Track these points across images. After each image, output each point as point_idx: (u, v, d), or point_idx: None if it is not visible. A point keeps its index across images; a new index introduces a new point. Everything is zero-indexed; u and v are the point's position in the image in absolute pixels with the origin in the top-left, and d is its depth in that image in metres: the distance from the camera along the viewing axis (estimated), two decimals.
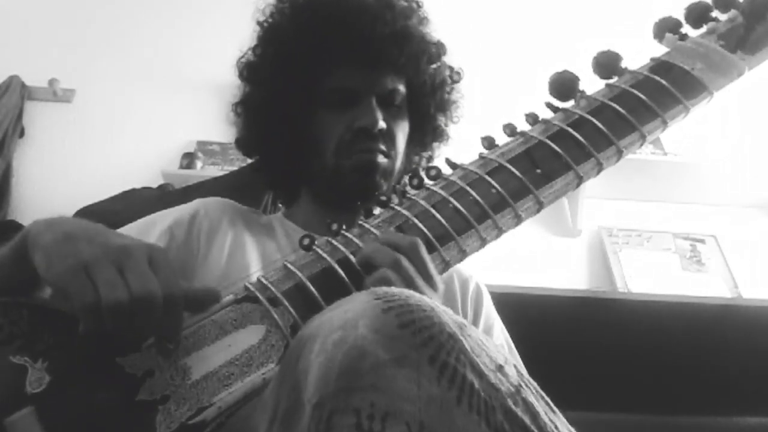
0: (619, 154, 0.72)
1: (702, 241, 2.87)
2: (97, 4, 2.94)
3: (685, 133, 2.69)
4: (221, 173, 2.32)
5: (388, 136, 0.90)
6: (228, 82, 1.03)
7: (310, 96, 0.90)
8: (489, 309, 0.95)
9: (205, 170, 2.65)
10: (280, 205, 1.23)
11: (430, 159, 1.05)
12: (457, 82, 1.03)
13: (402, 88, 0.93)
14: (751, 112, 2.67)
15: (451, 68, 1.02)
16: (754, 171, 2.78)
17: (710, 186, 2.83)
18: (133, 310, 0.51)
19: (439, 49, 0.99)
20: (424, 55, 0.95)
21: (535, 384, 0.41)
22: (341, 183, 0.89)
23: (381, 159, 0.88)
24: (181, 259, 0.82)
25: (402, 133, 0.94)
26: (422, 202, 0.67)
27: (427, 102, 0.99)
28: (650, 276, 2.62)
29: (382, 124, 0.88)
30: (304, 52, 0.89)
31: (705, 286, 2.70)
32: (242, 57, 0.98)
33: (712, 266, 2.80)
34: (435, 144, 1.05)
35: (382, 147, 0.89)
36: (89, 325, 0.51)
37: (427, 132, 1.02)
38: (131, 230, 0.84)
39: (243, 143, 1.01)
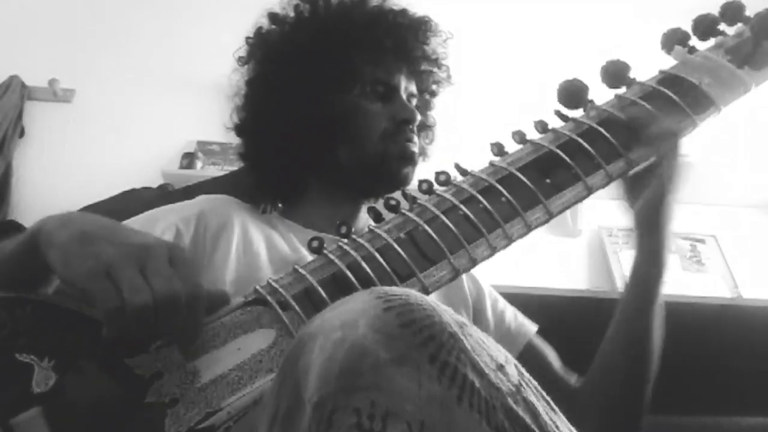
0: (629, 166, 0.72)
1: (702, 241, 2.87)
2: (97, 4, 2.94)
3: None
4: (221, 173, 2.32)
5: (417, 134, 0.94)
6: (228, 82, 1.03)
7: (349, 83, 0.91)
8: (488, 288, 0.98)
9: (205, 170, 2.66)
10: (279, 205, 1.23)
11: None
12: (432, 109, 1.07)
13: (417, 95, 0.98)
14: (751, 111, 2.67)
15: None
16: (754, 171, 2.78)
17: (710, 186, 2.83)
18: (158, 312, 0.50)
19: (450, 74, 1.04)
20: (439, 75, 1.02)
21: (536, 383, 0.41)
22: (382, 170, 0.90)
23: (417, 151, 0.93)
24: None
25: None
26: (432, 208, 0.66)
27: (424, 118, 1.03)
28: None
29: (419, 119, 0.93)
30: (351, 39, 0.91)
31: (705, 286, 2.70)
32: (265, 35, 0.97)
33: (712, 266, 2.80)
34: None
35: (418, 141, 0.93)
36: (114, 328, 0.51)
37: None
38: (132, 225, 0.83)
39: (253, 127, 0.97)
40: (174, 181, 2.53)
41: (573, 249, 2.72)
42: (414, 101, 0.97)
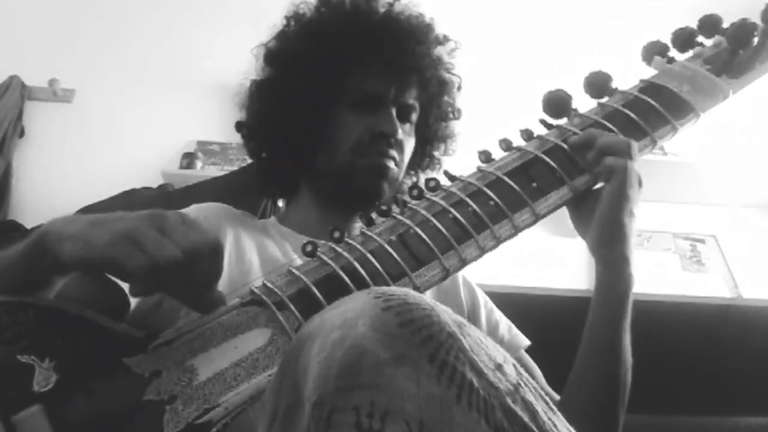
0: None
1: (702, 241, 2.87)
2: (97, 4, 2.94)
3: (685, 133, 2.70)
4: (221, 173, 2.32)
5: (400, 148, 0.93)
6: (228, 82, 1.03)
7: (334, 91, 0.92)
8: (484, 298, 0.97)
9: (205, 170, 2.66)
10: (279, 205, 1.23)
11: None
12: (457, 119, 1.07)
13: (418, 107, 0.97)
14: (751, 112, 2.67)
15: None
16: (754, 171, 2.79)
17: (710, 186, 2.84)
18: (187, 265, 0.52)
19: (460, 83, 1.04)
20: (447, 85, 1.00)
21: (534, 383, 0.41)
22: (352, 181, 0.90)
23: (392, 165, 0.91)
24: None
25: (409, 149, 0.97)
26: (423, 212, 0.68)
27: (433, 130, 1.03)
28: (650, 276, 2.62)
29: (400, 133, 0.91)
30: (340, 48, 0.92)
31: (705, 286, 2.70)
32: (269, 41, 0.99)
33: (712, 266, 2.80)
34: (427, 171, 1.08)
35: (395, 155, 0.91)
36: (145, 287, 0.53)
37: (424, 157, 1.05)
38: None
39: (251, 125, 1.00)
40: (174, 181, 2.53)
41: (573, 249, 2.71)
42: (414, 114, 0.96)
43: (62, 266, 0.56)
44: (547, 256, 2.63)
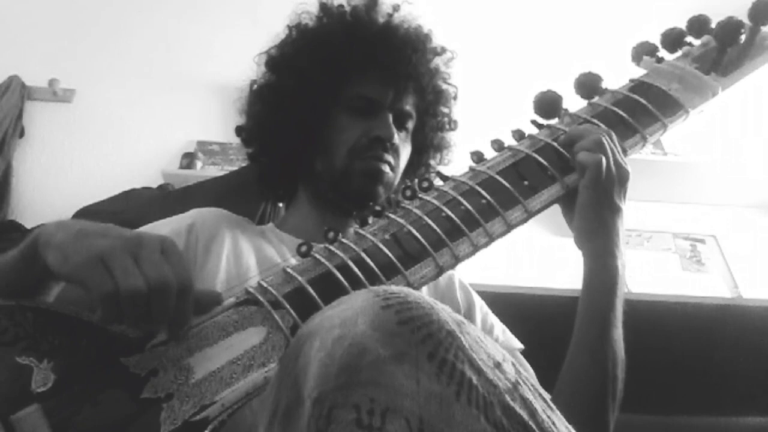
0: None
1: (702, 241, 2.87)
2: (97, 4, 2.94)
3: (685, 133, 2.70)
4: (221, 173, 2.32)
5: (396, 153, 0.94)
6: (228, 82, 1.03)
7: (332, 96, 0.94)
8: (480, 301, 0.98)
9: (205, 170, 2.66)
10: (280, 206, 1.23)
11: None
12: (454, 129, 1.08)
13: (414, 114, 0.98)
14: (751, 112, 2.67)
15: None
16: (754, 171, 2.79)
17: (710, 186, 2.83)
18: (150, 297, 0.52)
19: (456, 93, 1.05)
20: (443, 94, 1.02)
21: (533, 381, 0.41)
22: (347, 185, 0.92)
23: (387, 170, 0.92)
24: None
25: (405, 154, 0.98)
26: (416, 211, 0.69)
27: (429, 138, 1.04)
28: (650, 276, 2.62)
29: (396, 138, 0.93)
30: (339, 54, 0.94)
31: (705, 286, 2.70)
32: (270, 49, 1.01)
33: (712, 266, 2.80)
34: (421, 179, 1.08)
35: (391, 160, 0.93)
36: (108, 313, 0.53)
37: (420, 165, 1.06)
38: None
39: (250, 129, 1.02)
40: (174, 181, 2.53)
41: (573, 249, 2.71)
42: (410, 121, 0.98)
43: (51, 273, 0.57)
44: (547, 256, 2.63)
